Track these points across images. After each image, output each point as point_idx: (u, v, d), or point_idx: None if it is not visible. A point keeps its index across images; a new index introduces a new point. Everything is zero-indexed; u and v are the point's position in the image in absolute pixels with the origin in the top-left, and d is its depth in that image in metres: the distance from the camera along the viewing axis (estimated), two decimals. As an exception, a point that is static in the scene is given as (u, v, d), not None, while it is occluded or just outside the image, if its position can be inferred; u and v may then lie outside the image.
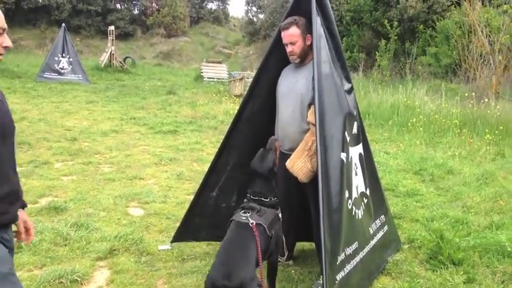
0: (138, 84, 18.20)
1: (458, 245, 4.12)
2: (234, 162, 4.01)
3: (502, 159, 7.96)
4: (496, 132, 8.81)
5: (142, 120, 10.95)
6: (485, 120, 9.56)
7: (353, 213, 3.48)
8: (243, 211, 3.14)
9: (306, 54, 3.55)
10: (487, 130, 8.97)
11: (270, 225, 3.10)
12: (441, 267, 3.91)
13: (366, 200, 3.76)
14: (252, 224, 2.96)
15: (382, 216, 4.08)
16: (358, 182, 3.63)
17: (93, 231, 4.54)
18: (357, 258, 3.48)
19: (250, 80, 15.99)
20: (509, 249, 4.02)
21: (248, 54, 29.72)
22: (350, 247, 3.40)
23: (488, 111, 9.78)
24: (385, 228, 4.08)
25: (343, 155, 3.34)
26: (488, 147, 8.40)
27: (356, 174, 3.61)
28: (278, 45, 3.71)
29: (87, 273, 3.72)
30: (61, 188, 5.84)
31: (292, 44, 3.51)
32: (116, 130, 9.71)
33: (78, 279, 3.60)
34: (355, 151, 3.66)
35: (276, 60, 3.81)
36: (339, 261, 3.23)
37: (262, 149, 3.39)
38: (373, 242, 3.79)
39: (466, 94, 10.84)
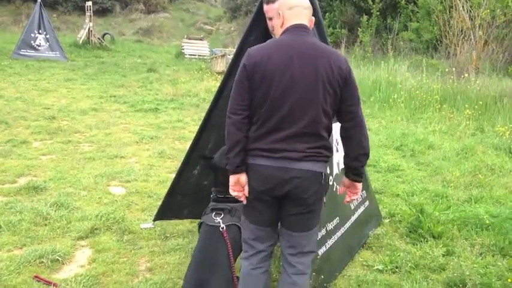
0: (118, 61, 17.86)
1: (438, 218, 4.19)
2: (216, 140, 3.97)
3: (482, 133, 8.08)
4: (476, 107, 8.90)
5: (122, 98, 10.79)
6: (465, 95, 9.64)
7: (334, 189, 3.49)
8: (214, 213, 3.06)
9: None
10: (466, 105, 9.05)
11: None
12: (421, 241, 3.98)
13: (347, 176, 3.76)
14: (223, 228, 2.92)
15: (363, 192, 4.10)
16: (339, 159, 3.63)
17: (74, 210, 4.50)
18: (338, 234, 3.52)
19: (231, 56, 15.75)
20: (487, 222, 4.10)
21: (230, 31, 29.35)
22: (331, 223, 3.43)
23: (468, 87, 9.85)
24: (366, 203, 4.12)
25: (324, 131, 3.32)
26: (468, 122, 8.49)
27: (337, 151, 3.61)
28: (258, 21, 3.64)
29: (68, 253, 3.70)
30: (40, 168, 5.76)
31: None
32: (95, 108, 9.55)
33: (59, 259, 3.58)
34: (336, 127, 3.65)
35: (256, 36, 3.74)
36: (319, 237, 3.25)
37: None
38: (354, 218, 3.83)
39: (447, 70, 10.89)
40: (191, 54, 19.98)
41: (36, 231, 4.04)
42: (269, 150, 2.43)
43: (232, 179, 2.54)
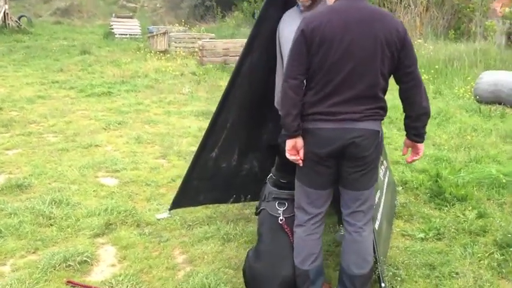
0: (43, 44, 16.67)
1: (456, 181, 4.23)
2: (234, 119, 3.75)
3: (441, 96, 8.34)
4: (432, 71, 9.18)
5: (66, 83, 10.07)
6: (419, 61, 9.88)
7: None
8: (277, 202, 2.93)
9: None
10: (422, 70, 9.30)
11: None
12: (446, 205, 4.00)
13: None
14: (282, 220, 2.87)
15: (385, 161, 4.07)
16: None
17: (76, 206, 4.12)
18: (382, 205, 3.46)
19: (173, 34, 15.04)
20: (504, 180, 4.19)
21: (156, 8, 28.27)
22: (376, 195, 3.36)
23: (423, 52, 10.13)
24: (387, 172, 4.09)
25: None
26: (426, 87, 8.73)
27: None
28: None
29: (92, 253, 3.36)
30: (11, 163, 5.22)
31: None
32: (41, 96, 8.84)
33: (88, 260, 3.24)
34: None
35: (276, 7, 3.54)
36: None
37: None
38: (385, 189, 3.78)
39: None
40: (121, 34, 19.04)
41: (44, 233, 3.65)
42: (329, 113, 2.48)
43: (290, 143, 2.59)
